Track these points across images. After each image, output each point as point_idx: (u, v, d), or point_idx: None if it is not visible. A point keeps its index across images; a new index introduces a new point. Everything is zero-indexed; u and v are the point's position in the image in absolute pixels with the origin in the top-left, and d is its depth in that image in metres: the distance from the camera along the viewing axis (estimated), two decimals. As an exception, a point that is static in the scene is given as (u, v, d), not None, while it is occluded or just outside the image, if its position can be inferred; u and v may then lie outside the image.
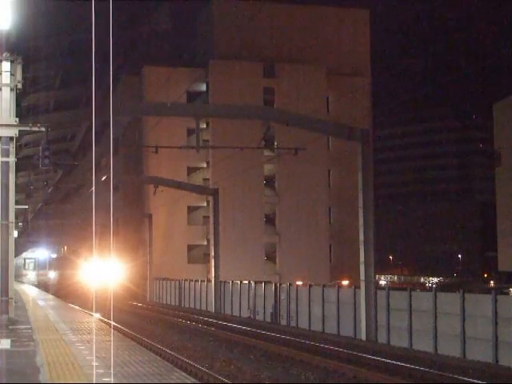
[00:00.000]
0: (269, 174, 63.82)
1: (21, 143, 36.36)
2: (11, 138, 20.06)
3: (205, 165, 63.87)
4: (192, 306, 45.90)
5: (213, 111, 33.52)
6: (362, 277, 26.06)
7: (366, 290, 25.83)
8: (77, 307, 36.02)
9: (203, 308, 43.52)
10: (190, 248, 63.78)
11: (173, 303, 49.43)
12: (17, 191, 22.61)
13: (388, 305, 25.02)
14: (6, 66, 20.12)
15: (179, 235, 62.60)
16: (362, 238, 26.41)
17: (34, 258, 79.02)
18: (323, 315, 29.29)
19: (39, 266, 76.07)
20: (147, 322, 34.59)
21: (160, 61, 62.12)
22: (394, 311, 24.77)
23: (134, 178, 61.26)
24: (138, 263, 56.21)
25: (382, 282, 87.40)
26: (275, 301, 34.08)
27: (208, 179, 61.82)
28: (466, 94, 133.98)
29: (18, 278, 70.30)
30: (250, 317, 36.46)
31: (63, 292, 54.70)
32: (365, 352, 21.73)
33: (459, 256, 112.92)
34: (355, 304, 26.94)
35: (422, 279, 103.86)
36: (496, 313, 19.84)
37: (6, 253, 19.83)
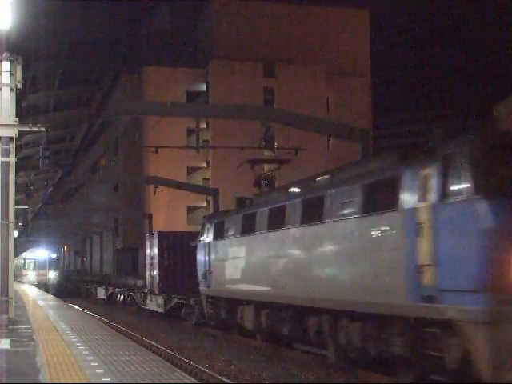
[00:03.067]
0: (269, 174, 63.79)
1: (21, 143, 36.41)
2: (11, 138, 20.06)
3: (205, 165, 63.88)
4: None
5: (213, 111, 33.52)
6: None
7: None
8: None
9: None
10: (190, 248, 63.78)
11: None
12: (17, 191, 22.62)
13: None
14: (6, 66, 20.12)
15: (179, 235, 62.52)
16: (362, 238, 26.24)
17: (34, 258, 79.14)
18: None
19: (39, 266, 76.17)
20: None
21: (160, 61, 62.19)
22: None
23: (134, 178, 61.25)
24: None
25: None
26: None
27: (208, 179, 61.85)
28: (466, 94, 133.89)
29: (18, 278, 70.29)
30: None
31: None
32: (365, 352, 21.56)
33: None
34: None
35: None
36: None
37: (6, 253, 19.83)
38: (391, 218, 13.76)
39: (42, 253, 78.33)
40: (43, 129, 20.91)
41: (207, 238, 25.59)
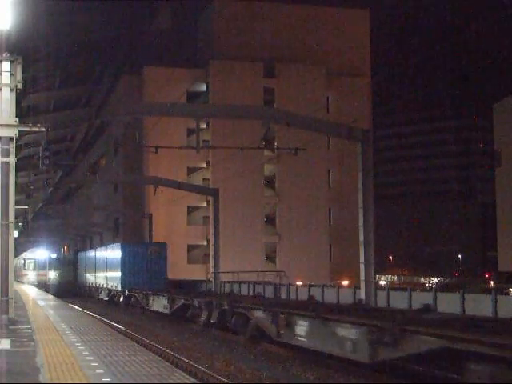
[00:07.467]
0: (269, 174, 63.79)
1: (21, 143, 36.39)
2: (11, 138, 20.04)
3: (205, 165, 63.86)
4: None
5: (213, 111, 33.52)
6: (362, 277, 26.04)
7: (366, 290, 25.81)
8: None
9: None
10: (190, 248, 63.74)
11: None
12: (17, 191, 22.60)
13: (388, 305, 24.99)
14: (6, 66, 20.11)
15: (179, 235, 62.56)
16: (361, 238, 26.39)
17: (34, 259, 79.09)
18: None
19: (39, 266, 76.11)
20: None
21: (160, 61, 62.18)
22: (393, 311, 23.86)
23: (134, 178, 61.22)
24: None
25: (382, 282, 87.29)
26: (275, 301, 32.99)
27: (208, 179, 61.84)
28: (466, 94, 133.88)
29: (18, 278, 70.25)
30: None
31: None
32: (365, 352, 21.50)
33: (459, 256, 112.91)
34: (355, 304, 26.90)
35: (422, 279, 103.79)
36: (496, 313, 19.82)
37: (6, 253, 19.82)
38: None
39: (41, 253, 78.27)
40: (43, 129, 20.89)
41: None
